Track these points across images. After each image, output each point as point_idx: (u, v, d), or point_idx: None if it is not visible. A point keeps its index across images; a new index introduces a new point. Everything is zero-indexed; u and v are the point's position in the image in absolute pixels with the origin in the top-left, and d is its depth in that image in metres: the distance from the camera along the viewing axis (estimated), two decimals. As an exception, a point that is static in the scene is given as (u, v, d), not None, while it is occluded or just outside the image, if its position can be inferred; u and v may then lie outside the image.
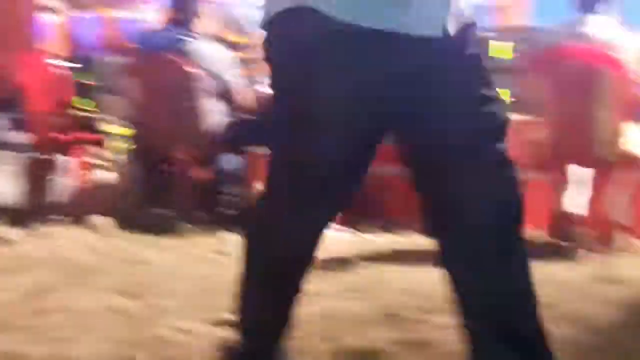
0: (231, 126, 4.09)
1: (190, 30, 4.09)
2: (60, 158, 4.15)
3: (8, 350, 1.85)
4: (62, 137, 4.16)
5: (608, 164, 3.44)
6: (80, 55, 6.27)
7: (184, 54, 4.00)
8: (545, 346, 1.43)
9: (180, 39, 4.08)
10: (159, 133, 4.02)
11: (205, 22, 4.21)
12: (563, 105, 3.49)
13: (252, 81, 4.45)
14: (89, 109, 4.99)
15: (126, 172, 4.44)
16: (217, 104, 4.06)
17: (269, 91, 1.58)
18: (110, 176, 4.63)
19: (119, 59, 5.00)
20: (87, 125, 4.61)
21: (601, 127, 3.36)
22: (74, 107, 4.62)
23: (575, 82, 3.35)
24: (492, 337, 1.41)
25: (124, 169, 4.53)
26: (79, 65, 5.78)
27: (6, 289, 2.44)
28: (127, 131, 4.49)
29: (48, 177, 4.02)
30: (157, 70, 4.09)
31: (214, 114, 4.02)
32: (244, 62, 5.96)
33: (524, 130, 4.18)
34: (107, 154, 4.88)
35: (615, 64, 3.33)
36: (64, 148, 4.18)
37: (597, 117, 3.36)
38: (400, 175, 1.58)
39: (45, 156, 4.01)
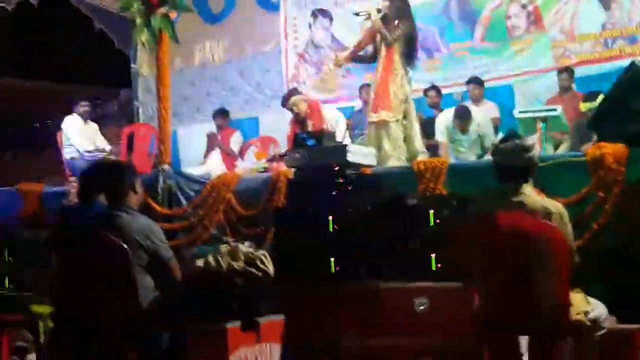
0: (164, 301, 3.96)
1: (121, 204, 4.02)
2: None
3: None
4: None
5: (551, 333, 3.44)
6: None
7: (114, 228, 3.90)
8: None
9: (110, 213, 3.99)
10: (87, 310, 3.84)
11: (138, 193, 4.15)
12: (499, 273, 3.51)
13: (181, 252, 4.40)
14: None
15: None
16: (149, 279, 3.94)
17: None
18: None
19: (41, 233, 4.87)
20: (9, 305, 4.40)
21: (543, 293, 3.38)
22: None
23: (514, 249, 3.40)
24: None
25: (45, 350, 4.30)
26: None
27: None
28: (49, 309, 4.29)
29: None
30: (85, 244, 3.97)
31: (148, 290, 3.89)
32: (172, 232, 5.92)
33: (456, 298, 4.23)
34: (28, 335, 4.64)
35: (552, 230, 3.41)
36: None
37: (537, 284, 3.39)
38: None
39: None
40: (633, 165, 4.74)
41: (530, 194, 3.62)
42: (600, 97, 6.11)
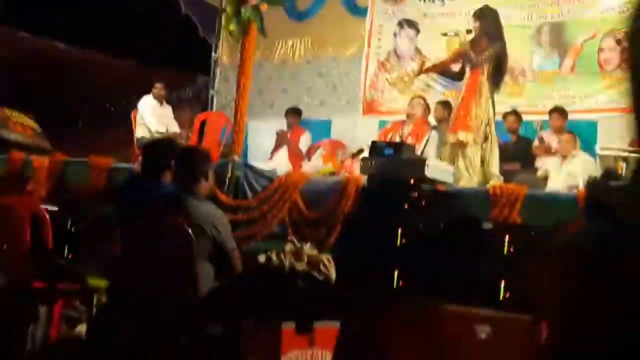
0: (222, 292, 3.89)
1: (191, 189, 3.97)
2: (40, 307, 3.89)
3: None
4: (42, 285, 3.91)
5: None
6: (66, 199, 6.12)
7: (182, 212, 3.85)
8: None
9: (180, 197, 3.94)
10: (143, 289, 3.79)
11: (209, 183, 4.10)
12: (567, 316, 3.34)
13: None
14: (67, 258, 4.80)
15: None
16: (209, 267, 3.88)
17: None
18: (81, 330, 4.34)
19: (106, 207, 4.85)
20: (66, 274, 4.38)
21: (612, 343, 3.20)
22: (52, 255, 4.41)
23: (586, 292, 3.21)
24: None
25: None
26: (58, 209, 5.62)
27: None
28: (105, 283, 4.27)
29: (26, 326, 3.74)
30: (151, 223, 3.92)
31: (207, 278, 3.82)
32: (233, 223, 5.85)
33: (521, 330, 4.06)
34: (80, 306, 4.63)
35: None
36: (45, 297, 3.91)
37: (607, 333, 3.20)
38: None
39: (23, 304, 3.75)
40: None
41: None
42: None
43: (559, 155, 7.21)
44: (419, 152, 6.33)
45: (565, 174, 6.90)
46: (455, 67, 6.94)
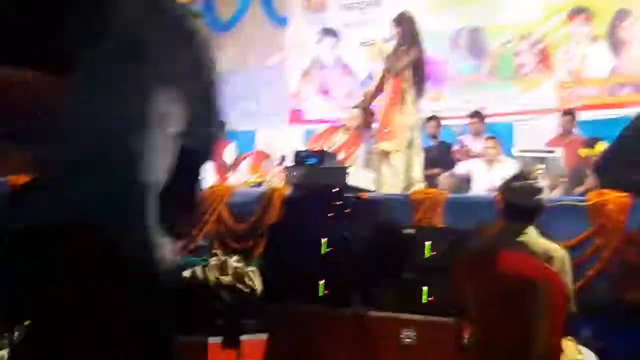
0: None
1: None
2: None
3: None
4: None
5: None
6: None
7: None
8: None
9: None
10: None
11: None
12: (490, 314, 3.42)
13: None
14: None
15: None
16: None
17: None
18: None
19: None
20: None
21: (535, 338, 3.29)
22: None
23: (511, 290, 3.30)
24: None
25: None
26: None
27: None
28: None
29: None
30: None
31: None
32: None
33: (445, 332, 4.14)
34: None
35: (552, 275, 3.32)
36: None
37: (530, 327, 3.30)
38: None
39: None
40: (635, 215, 4.67)
41: (533, 235, 3.53)
42: (601, 144, 6.05)
43: (485, 159, 7.36)
44: (349, 163, 6.36)
45: (493, 178, 7.04)
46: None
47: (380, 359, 4.16)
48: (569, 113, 7.66)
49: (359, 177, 5.11)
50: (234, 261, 4.27)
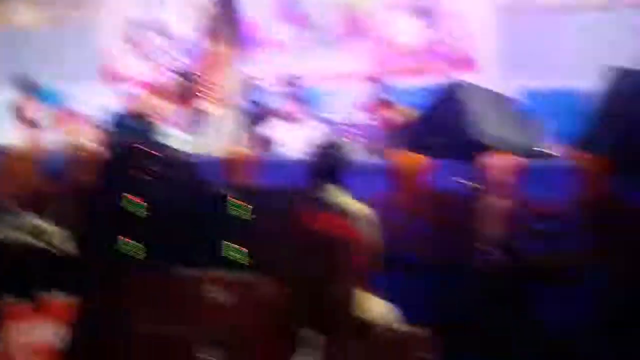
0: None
1: None
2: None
3: None
4: None
5: (341, 331, 3.53)
6: None
7: None
8: None
9: None
10: None
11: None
12: (298, 270, 3.57)
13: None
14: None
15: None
16: None
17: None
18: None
19: None
20: None
21: (336, 294, 3.47)
22: None
23: (312, 248, 3.46)
24: None
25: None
26: None
27: None
28: None
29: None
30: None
31: None
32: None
33: (252, 290, 4.25)
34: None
35: (353, 232, 3.51)
36: None
37: (332, 284, 3.47)
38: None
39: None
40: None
41: (338, 194, 3.70)
42: (408, 110, 6.40)
43: (293, 121, 7.56)
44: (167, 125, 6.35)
45: (301, 139, 7.26)
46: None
47: (184, 319, 4.21)
48: (377, 80, 8.00)
49: (175, 138, 5.13)
50: (32, 219, 4.14)
